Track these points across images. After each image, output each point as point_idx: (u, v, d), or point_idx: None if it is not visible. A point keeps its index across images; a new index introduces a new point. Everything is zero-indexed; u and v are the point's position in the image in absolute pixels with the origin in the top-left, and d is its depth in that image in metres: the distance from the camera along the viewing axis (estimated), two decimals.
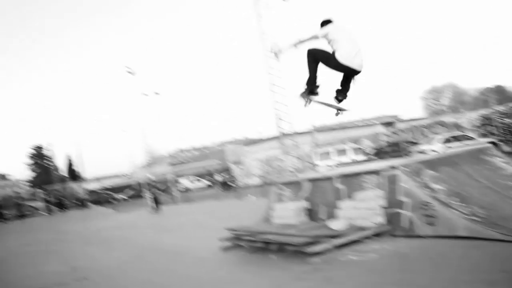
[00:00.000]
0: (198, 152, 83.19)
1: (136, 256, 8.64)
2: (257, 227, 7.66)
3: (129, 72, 34.54)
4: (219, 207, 17.89)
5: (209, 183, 42.42)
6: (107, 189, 52.84)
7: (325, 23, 5.56)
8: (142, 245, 10.27)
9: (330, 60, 5.21)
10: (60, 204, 31.12)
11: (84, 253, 6.72)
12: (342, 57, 5.08)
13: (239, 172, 34.87)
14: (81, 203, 35.42)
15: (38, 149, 79.28)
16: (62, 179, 54.70)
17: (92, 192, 42.58)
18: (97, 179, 74.06)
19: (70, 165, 74.94)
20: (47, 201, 30.87)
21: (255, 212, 10.31)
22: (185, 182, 43.16)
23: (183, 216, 16.26)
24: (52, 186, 41.39)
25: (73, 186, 40.99)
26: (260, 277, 5.60)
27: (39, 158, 79.46)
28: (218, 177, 35.39)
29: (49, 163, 74.63)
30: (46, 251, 11.38)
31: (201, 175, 46.56)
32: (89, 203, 33.66)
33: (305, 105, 5.47)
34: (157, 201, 21.13)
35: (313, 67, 5.40)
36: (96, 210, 28.41)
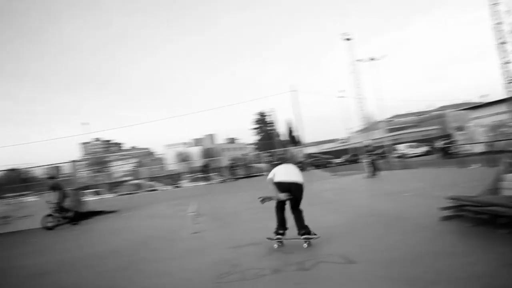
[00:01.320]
0: (416, 118, 79.66)
1: (353, 219, 8.76)
2: (484, 198, 6.97)
3: (347, 39, 34.48)
4: (439, 175, 16.92)
5: (428, 149, 40.56)
6: (324, 153, 54.83)
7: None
8: (360, 208, 10.37)
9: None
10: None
11: (309, 213, 7.06)
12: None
13: (461, 138, 32.53)
14: (301, 166, 37.49)
15: (262, 115, 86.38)
16: (283, 143, 58.54)
17: (310, 155, 44.49)
18: (315, 144, 77.09)
19: (290, 130, 79.70)
20: (269, 162, 33.45)
21: (479, 181, 9.40)
22: (402, 148, 42.06)
23: (400, 182, 15.86)
24: (274, 149, 44.69)
25: (293, 150, 43.52)
26: (485, 252, 5.10)
27: (263, 124, 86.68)
28: (438, 144, 33.50)
29: (271, 128, 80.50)
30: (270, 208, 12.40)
31: (419, 141, 44.67)
32: (308, 166, 35.34)
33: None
34: (374, 167, 21.04)
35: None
36: (315, 173, 29.64)
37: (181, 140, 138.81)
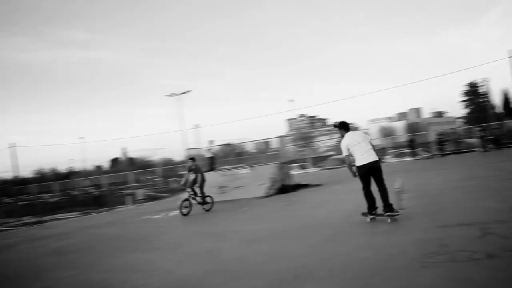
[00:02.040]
0: None
1: None
2: None
3: None
4: None
5: None
6: None
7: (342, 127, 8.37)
8: None
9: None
10: (497, 141, 30.10)
11: None
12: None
13: None
14: None
15: (473, 86, 78.69)
16: (498, 116, 52.61)
17: None
18: None
19: (506, 101, 70.87)
20: (482, 138, 30.51)
21: None
22: None
23: None
24: (487, 122, 40.52)
25: (510, 123, 38.75)
26: None
27: (474, 95, 78.98)
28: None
29: (484, 100, 73.05)
30: (484, 187, 11.40)
31: None
32: None
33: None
34: None
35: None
36: None
37: (385, 114, 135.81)
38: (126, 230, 12.71)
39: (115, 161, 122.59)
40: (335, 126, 8.69)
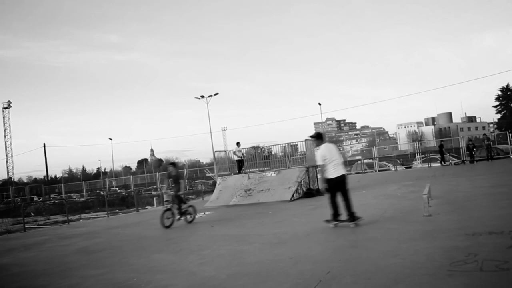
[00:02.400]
0: None
1: None
2: None
3: None
4: None
5: None
6: None
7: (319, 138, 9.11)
8: None
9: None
10: None
11: None
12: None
13: None
14: None
15: (506, 91, 76.77)
16: None
17: None
18: None
19: None
20: None
21: None
22: None
23: None
24: None
25: None
26: None
27: (507, 100, 77.01)
28: None
29: None
30: None
31: None
32: None
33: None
34: None
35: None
36: None
37: (414, 119, 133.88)
38: (152, 231, 12.85)
39: (143, 162, 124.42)
40: (312, 136, 9.39)
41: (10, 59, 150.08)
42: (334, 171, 8.77)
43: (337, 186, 8.87)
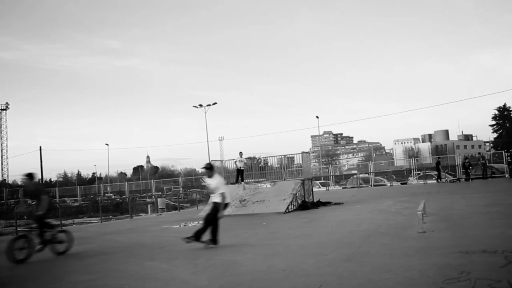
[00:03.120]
0: None
1: None
2: None
3: None
4: None
5: None
6: None
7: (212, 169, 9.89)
8: None
9: None
10: None
11: None
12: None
13: None
14: None
15: (503, 110, 77.19)
16: None
17: None
18: None
19: None
20: (511, 164, 29.83)
21: None
22: None
23: None
24: None
25: None
26: None
27: (504, 120, 77.38)
28: None
29: None
30: (510, 214, 11.11)
31: None
32: None
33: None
34: None
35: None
36: None
37: (411, 135, 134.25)
38: (145, 238, 12.79)
39: (138, 169, 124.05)
40: (206, 168, 9.81)
41: (9, 61, 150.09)
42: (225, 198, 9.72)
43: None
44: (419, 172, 39.99)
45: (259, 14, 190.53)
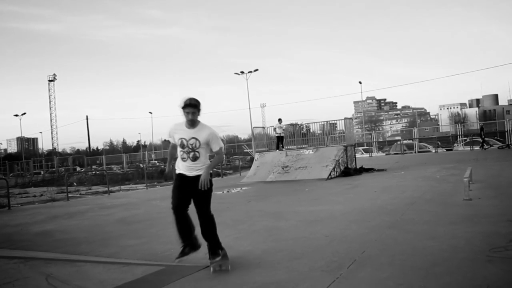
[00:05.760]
0: None
1: None
2: None
3: None
4: None
5: None
6: None
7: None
8: None
9: None
10: None
11: None
12: None
13: None
14: None
15: None
16: None
17: None
18: None
19: None
20: None
21: None
22: None
23: None
24: None
25: None
26: None
27: None
28: None
29: None
30: None
31: None
32: None
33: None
34: None
35: None
36: None
37: (458, 100, 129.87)
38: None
39: None
40: (192, 105, 5.26)
41: (55, 33, 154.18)
42: None
43: None
44: (465, 138, 38.87)
45: None
